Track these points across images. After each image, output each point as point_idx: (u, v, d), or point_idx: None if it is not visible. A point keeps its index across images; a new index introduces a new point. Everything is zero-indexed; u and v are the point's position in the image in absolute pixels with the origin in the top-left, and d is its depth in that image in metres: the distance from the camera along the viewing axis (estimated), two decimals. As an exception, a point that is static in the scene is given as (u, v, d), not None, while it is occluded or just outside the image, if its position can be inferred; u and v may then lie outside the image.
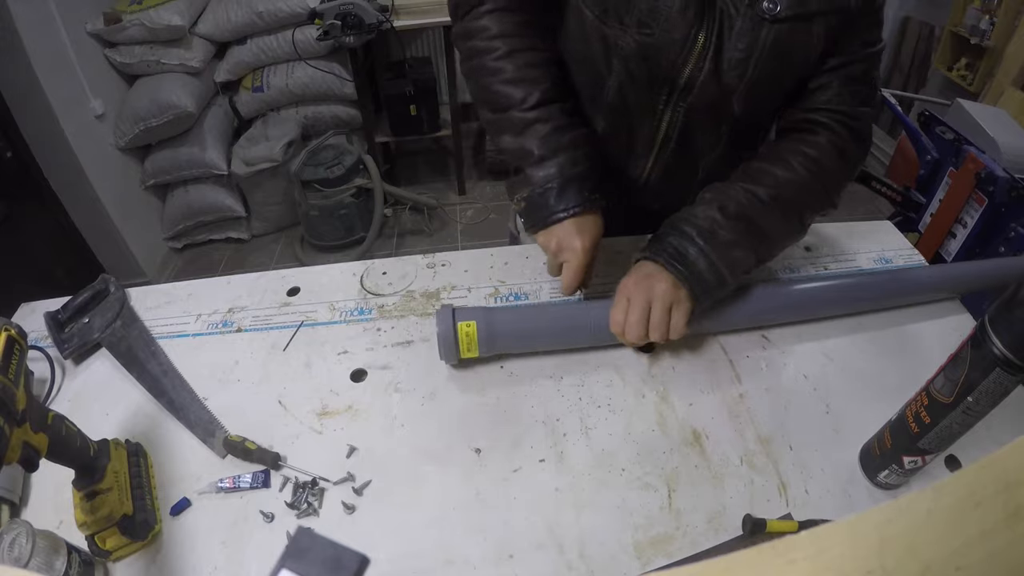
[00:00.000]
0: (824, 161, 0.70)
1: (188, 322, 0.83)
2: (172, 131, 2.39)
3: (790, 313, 0.78)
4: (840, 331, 0.78)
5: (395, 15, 2.41)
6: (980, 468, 0.19)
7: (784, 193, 0.69)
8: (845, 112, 0.70)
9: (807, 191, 0.70)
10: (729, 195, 0.69)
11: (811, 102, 0.72)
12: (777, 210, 0.69)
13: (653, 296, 0.65)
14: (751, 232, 0.68)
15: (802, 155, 0.70)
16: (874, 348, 0.76)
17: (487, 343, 0.70)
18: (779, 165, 0.70)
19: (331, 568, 0.20)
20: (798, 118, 0.73)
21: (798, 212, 0.71)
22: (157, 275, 2.55)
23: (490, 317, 0.71)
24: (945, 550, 0.17)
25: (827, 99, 0.70)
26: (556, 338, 0.74)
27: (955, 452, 0.63)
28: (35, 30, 1.94)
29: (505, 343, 0.72)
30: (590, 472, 0.63)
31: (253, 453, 0.64)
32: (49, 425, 0.51)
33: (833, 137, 0.71)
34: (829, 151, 0.70)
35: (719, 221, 0.67)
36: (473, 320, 0.69)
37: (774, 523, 0.57)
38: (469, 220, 2.79)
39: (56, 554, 0.52)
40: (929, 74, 2.82)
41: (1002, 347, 0.46)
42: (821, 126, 0.71)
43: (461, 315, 0.70)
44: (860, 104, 0.71)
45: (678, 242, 0.67)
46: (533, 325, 0.73)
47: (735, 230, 0.67)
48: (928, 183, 1.71)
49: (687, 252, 0.66)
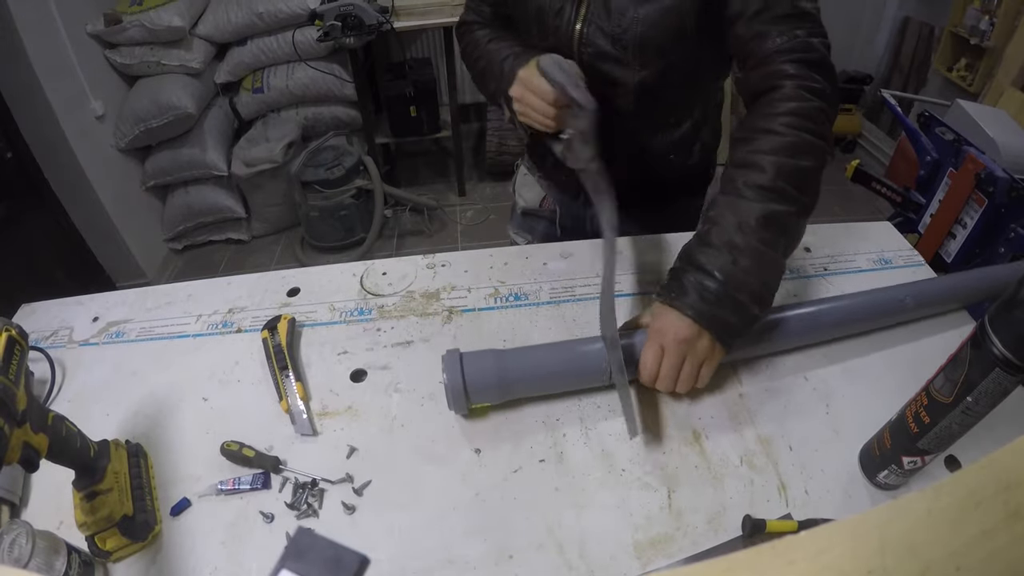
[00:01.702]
0: (803, 108, 0.67)
1: (188, 323, 0.83)
2: (172, 132, 2.39)
3: (803, 339, 0.75)
4: (840, 331, 0.78)
5: (395, 16, 2.41)
6: (980, 468, 0.19)
7: (785, 164, 0.65)
8: (794, 49, 0.68)
9: (804, 150, 0.66)
10: (736, 206, 0.66)
11: (759, 57, 0.71)
12: (786, 189, 0.65)
13: (689, 353, 0.64)
14: (776, 234, 0.65)
15: (780, 115, 0.67)
16: (874, 348, 0.76)
17: (500, 392, 0.66)
18: (764, 138, 0.67)
19: (331, 568, 0.20)
20: (757, 82, 0.72)
21: (805, 178, 0.67)
22: (157, 276, 2.55)
23: (502, 363, 0.65)
24: (945, 550, 0.17)
25: (770, 46, 0.69)
26: (571, 380, 0.70)
27: (955, 452, 0.62)
28: (35, 31, 1.94)
29: (520, 390, 0.68)
30: (590, 472, 0.63)
31: (252, 460, 0.64)
32: (49, 426, 0.51)
33: (797, 81, 0.68)
34: (803, 95, 0.68)
35: (738, 245, 0.64)
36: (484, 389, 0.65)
37: (774, 523, 0.57)
38: (469, 221, 2.79)
39: (56, 555, 0.52)
40: (929, 74, 2.81)
41: (1002, 347, 0.46)
42: (780, 77, 0.69)
43: (469, 364, 0.64)
44: (807, 36, 0.69)
45: (698, 281, 0.64)
46: (547, 370, 0.68)
47: (756, 249, 0.63)
48: (928, 184, 1.71)
49: (708, 292, 0.63)
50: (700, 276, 0.64)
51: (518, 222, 1.15)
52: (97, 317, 0.85)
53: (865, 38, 3.22)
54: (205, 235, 2.68)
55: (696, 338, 0.64)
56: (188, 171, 2.46)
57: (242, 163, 2.45)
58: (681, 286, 0.65)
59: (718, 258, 0.64)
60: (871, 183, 1.78)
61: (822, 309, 0.76)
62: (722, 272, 0.63)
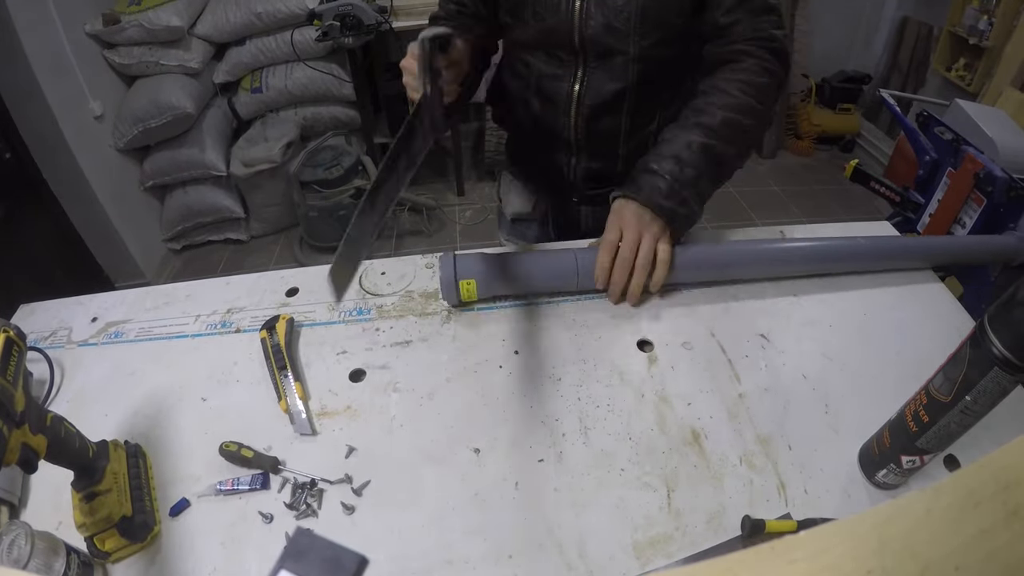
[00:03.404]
0: (756, 81, 0.80)
1: (187, 323, 0.83)
2: (171, 132, 2.39)
3: (758, 269, 0.85)
4: (839, 331, 0.78)
5: (394, 16, 2.41)
6: (979, 468, 0.19)
7: (731, 118, 0.79)
8: (762, 38, 0.81)
9: (748, 112, 0.80)
10: (685, 133, 0.79)
11: (729, 38, 0.82)
12: (728, 135, 0.79)
13: (645, 230, 0.77)
14: (710, 161, 0.78)
15: (736, 81, 0.80)
16: (873, 348, 0.76)
17: (485, 288, 0.80)
18: (720, 95, 0.80)
19: (330, 569, 0.20)
20: (723, 53, 0.83)
21: (744, 132, 0.81)
22: (156, 276, 2.55)
23: (487, 264, 0.80)
24: (944, 550, 0.17)
25: (742, 32, 0.81)
26: (547, 281, 0.82)
27: (954, 452, 0.63)
28: (34, 31, 1.94)
29: (501, 286, 0.81)
30: (589, 472, 0.63)
31: (251, 460, 0.64)
32: (48, 426, 0.51)
33: (758, 61, 0.81)
34: (759, 71, 0.81)
35: (683, 159, 0.77)
36: (472, 278, 0.79)
37: (773, 523, 0.57)
38: (468, 221, 2.79)
39: (55, 555, 0.52)
40: (928, 74, 2.82)
41: (1001, 347, 0.47)
42: (745, 54, 0.81)
43: (461, 264, 0.79)
44: (772, 28, 0.81)
45: (651, 180, 0.78)
46: (525, 268, 0.81)
47: (698, 164, 0.77)
48: (927, 183, 1.71)
49: (660, 188, 0.77)
50: (652, 178, 0.78)
51: (508, 228, 1.15)
52: (96, 317, 0.85)
53: (864, 38, 3.23)
54: (204, 235, 2.68)
55: (651, 220, 0.77)
56: (187, 171, 2.46)
57: (241, 163, 2.45)
58: (636, 184, 0.79)
59: (668, 165, 0.78)
60: (870, 183, 1.78)
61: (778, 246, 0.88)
62: (670, 175, 0.77)
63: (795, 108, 3.26)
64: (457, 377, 0.73)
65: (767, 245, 0.87)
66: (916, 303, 0.83)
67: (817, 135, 3.24)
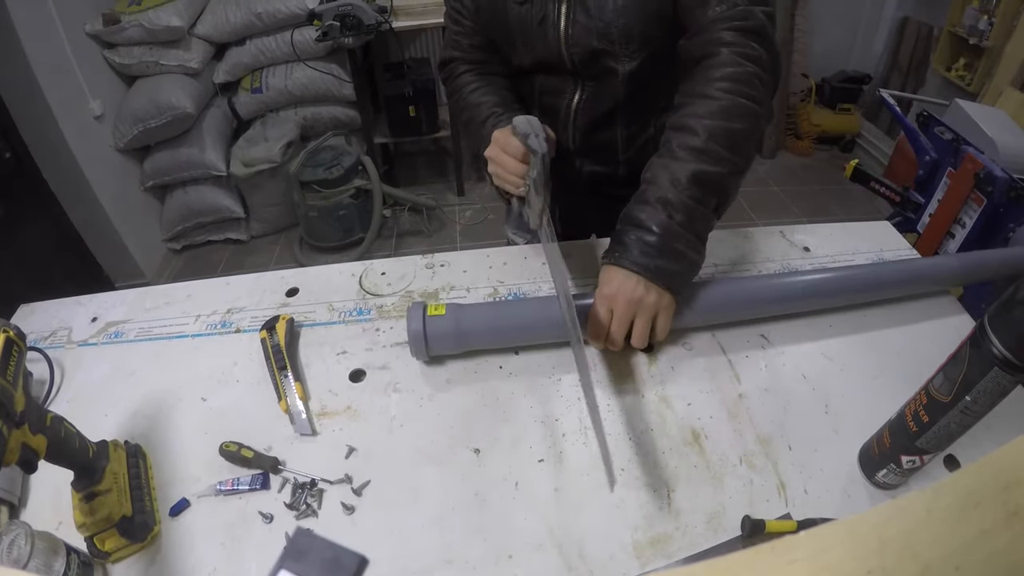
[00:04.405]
0: (738, 73, 0.69)
1: (187, 323, 0.83)
2: (171, 132, 2.38)
3: (780, 306, 0.79)
4: (839, 331, 0.78)
5: (394, 16, 2.41)
6: (979, 468, 0.19)
7: (718, 127, 0.68)
8: (733, 17, 0.70)
9: (737, 113, 0.69)
10: (670, 166, 0.69)
11: (700, 24, 0.72)
12: (718, 150, 0.68)
13: (639, 309, 0.68)
14: (706, 191, 0.68)
15: (715, 80, 0.70)
16: (873, 348, 0.76)
17: (457, 341, 0.73)
18: (700, 103, 0.70)
19: (330, 569, 0.20)
20: (696, 49, 0.74)
21: (738, 138, 0.70)
22: (156, 276, 2.55)
23: (459, 314, 0.72)
24: (944, 550, 0.17)
25: (711, 15, 0.71)
26: (525, 334, 0.75)
27: (954, 452, 0.63)
28: (34, 31, 1.94)
29: (475, 340, 0.74)
30: (589, 472, 0.63)
31: (251, 460, 0.64)
32: (48, 426, 0.51)
33: (733, 48, 0.70)
34: (739, 61, 0.70)
35: (671, 202, 0.67)
36: (442, 329, 0.71)
37: (773, 523, 0.57)
38: (468, 221, 2.79)
39: (55, 555, 0.52)
40: (928, 74, 2.82)
41: (1001, 347, 0.47)
42: (717, 44, 0.71)
43: (431, 318, 0.71)
44: (747, 3, 0.71)
45: (638, 237, 0.68)
46: (502, 323, 0.74)
47: (688, 204, 0.67)
48: (927, 183, 1.71)
49: (648, 245, 0.67)
50: (640, 232, 0.68)
51: (516, 222, 1.15)
52: (96, 317, 0.85)
53: (864, 38, 3.23)
54: (204, 235, 2.68)
55: (645, 293, 0.67)
56: (187, 171, 2.46)
57: (241, 163, 2.45)
58: (623, 244, 0.69)
59: (655, 215, 0.68)
60: (870, 183, 1.78)
61: (795, 281, 0.80)
62: (659, 226, 0.67)
63: (795, 108, 3.26)
64: (457, 377, 0.73)
65: (785, 280, 0.80)
66: (916, 303, 0.83)
67: (817, 135, 3.24)
